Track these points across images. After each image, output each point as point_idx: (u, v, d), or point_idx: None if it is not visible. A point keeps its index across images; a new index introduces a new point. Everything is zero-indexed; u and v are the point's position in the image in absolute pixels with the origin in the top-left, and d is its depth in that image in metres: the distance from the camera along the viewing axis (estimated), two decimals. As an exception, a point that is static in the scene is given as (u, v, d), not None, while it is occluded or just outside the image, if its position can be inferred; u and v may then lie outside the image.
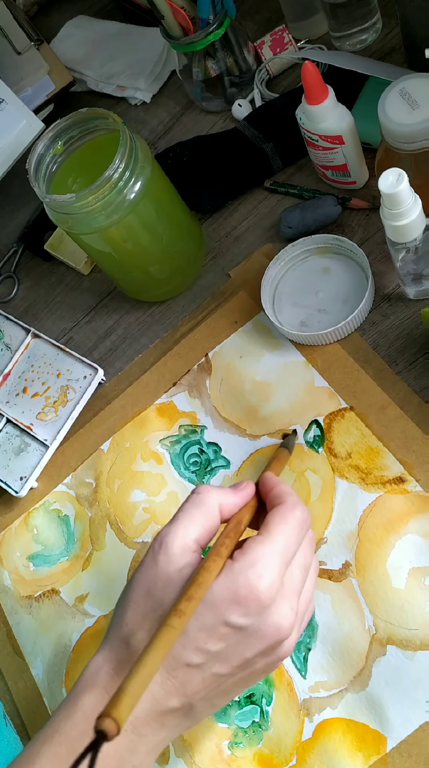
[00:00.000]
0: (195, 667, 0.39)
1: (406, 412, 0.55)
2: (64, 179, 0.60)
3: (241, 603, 0.38)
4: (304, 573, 0.42)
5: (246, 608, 0.38)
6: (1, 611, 0.64)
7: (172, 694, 0.39)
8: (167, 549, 0.40)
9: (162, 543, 0.41)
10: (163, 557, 0.40)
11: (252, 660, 0.40)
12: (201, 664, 0.38)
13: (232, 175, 0.69)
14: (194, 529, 0.41)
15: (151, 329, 0.69)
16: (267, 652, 0.40)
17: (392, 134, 0.52)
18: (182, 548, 0.40)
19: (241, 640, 0.39)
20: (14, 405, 0.70)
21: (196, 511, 0.41)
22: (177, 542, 0.40)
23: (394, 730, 0.48)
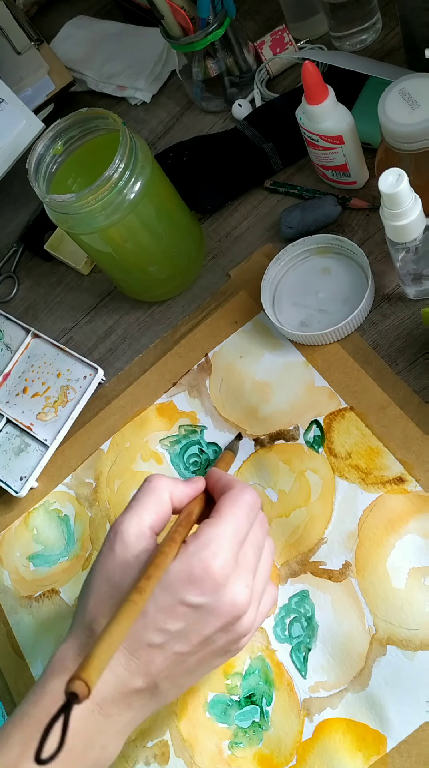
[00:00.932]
0: (156, 647, 0.40)
1: (406, 412, 0.55)
2: (64, 179, 0.60)
3: (197, 582, 0.40)
4: (258, 552, 0.43)
5: (202, 587, 0.40)
6: (1, 611, 0.64)
7: (136, 675, 0.40)
8: (123, 536, 0.42)
9: (117, 531, 0.42)
10: (119, 545, 0.42)
11: (211, 637, 0.41)
12: (162, 643, 0.40)
13: (232, 175, 0.69)
14: (148, 515, 0.43)
15: (151, 329, 0.69)
16: (225, 629, 0.41)
17: (392, 134, 0.52)
18: (137, 535, 0.42)
19: (200, 619, 0.40)
20: (14, 405, 0.70)
21: (147, 498, 0.43)
22: (132, 529, 0.42)
23: (394, 730, 0.48)
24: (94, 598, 0.42)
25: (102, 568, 0.42)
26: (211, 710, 0.52)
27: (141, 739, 0.53)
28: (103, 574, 0.42)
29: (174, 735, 0.53)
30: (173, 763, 0.52)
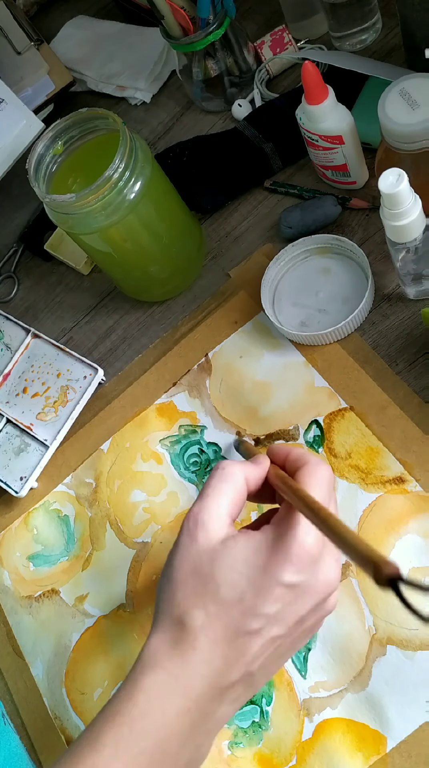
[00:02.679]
0: (254, 634, 0.39)
1: (406, 412, 0.55)
2: (64, 179, 0.60)
3: (293, 561, 0.38)
4: None
5: (298, 566, 0.38)
6: (1, 611, 0.64)
7: (233, 666, 0.39)
8: (205, 525, 0.40)
9: (198, 521, 0.40)
10: (202, 534, 0.40)
11: (305, 617, 0.40)
12: (260, 629, 0.39)
13: (232, 175, 0.69)
14: (225, 502, 0.41)
15: (151, 329, 0.69)
16: (318, 607, 0.40)
17: (392, 134, 0.52)
18: (219, 523, 0.40)
19: (296, 599, 0.39)
20: (14, 405, 0.70)
21: (224, 485, 0.41)
22: (213, 517, 0.40)
23: (394, 730, 0.48)
24: (182, 590, 0.40)
25: (185, 558, 0.40)
26: (211, 710, 0.52)
27: (141, 739, 0.53)
28: (189, 565, 0.40)
29: (174, 735, 0.53)
30: (173, 763, 0.52)
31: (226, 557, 0.39)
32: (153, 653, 0.39)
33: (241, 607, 0.38)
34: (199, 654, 0.38)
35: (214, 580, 0.39)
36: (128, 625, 0.58)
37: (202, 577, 0.39)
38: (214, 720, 0.39)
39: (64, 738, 0.57)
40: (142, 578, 0.59)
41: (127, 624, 0.58)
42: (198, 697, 0.38)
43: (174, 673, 0.38)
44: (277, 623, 0.39)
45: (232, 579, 0.38)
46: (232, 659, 0.39)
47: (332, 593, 0.41)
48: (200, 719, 0.38)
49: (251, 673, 0.40)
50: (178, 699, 0.38)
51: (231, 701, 0.40)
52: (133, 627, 0.58)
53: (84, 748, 0.38)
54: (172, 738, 0.38)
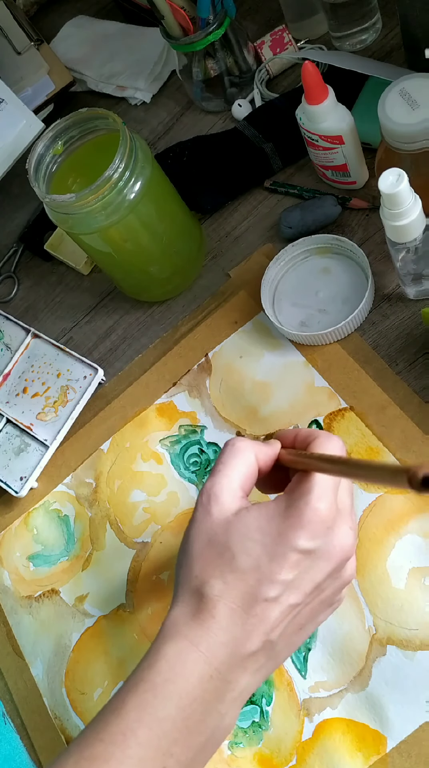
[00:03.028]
0: (272, 601, 0.39)
1: (406, 412, 0.55)
2: (64, 179, 0.60)
3: (307, 527, 0.39)
4: (351, 496, 0.43)
5: (312, 531, 0.39)
6: (1, 611, 0.64)
7: (253, 634, 0.39)
8: (218, 498, 0.41)
9: (211, 494, 0.41)
10: (215, 507, 0.41)
11: (322, 584, 0.40)
12: (277, 596, 0.39)
13: (232, 175, 0.69)
14: (237, 477, 0.42)
15: (151, 329, 0.69)
16: (334, 574, 0.41)
17: (392, 134, 0.52)
18: (231, 495, 0.41)
19: (312, 565, 0.39)
20: (14, 405, 0.70)
21: (235, 460, 0.42)
22: (225, 491, 0.41)
23: (394, 730, 0.48)
24: (200, 561, 0.40)
25: (201, 530, 0.41)
26: (211, 710, 0.52)
27: (141, 739, 0.53)
28: (204, 536, 0.41)
29: (174, 735, 0.53)
30: (173, 763, 0.52)
31: (240, 526, 0.40)
32: (173, 623, 0.40)
33: (258, 574, 0.39)
34: (218, 622, 0.39)
35: (230, 549, 0.39)
36: (128, 625, 0.58)
37: (217, 547, 0.40)
38: (239, 690, 0.40)
39: (64, 738, 0.57)
40: (142, 578, 0.59)
41: (127, 624, 0.58)
42: (220, 665, 0.39)
43: (195, 641, 0.39)
44: (293, 590, 0.39)
45: (247, 547, 0.39)
46: (252, 627, 0.39)
47: (348, 560, 0.41)
48: (223, 687, 0.39)
49: (272, 641, 0.40)
50: (200, 666, 0.38)
51: (254, 671, 0.40)
52: (133, 627, 0.58)
53: (109, 714, 0.39)
54: (195, 704, 0.38)
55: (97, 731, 0.38)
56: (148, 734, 0.37)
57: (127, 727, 0.38)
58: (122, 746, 0.37)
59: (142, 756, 0.37)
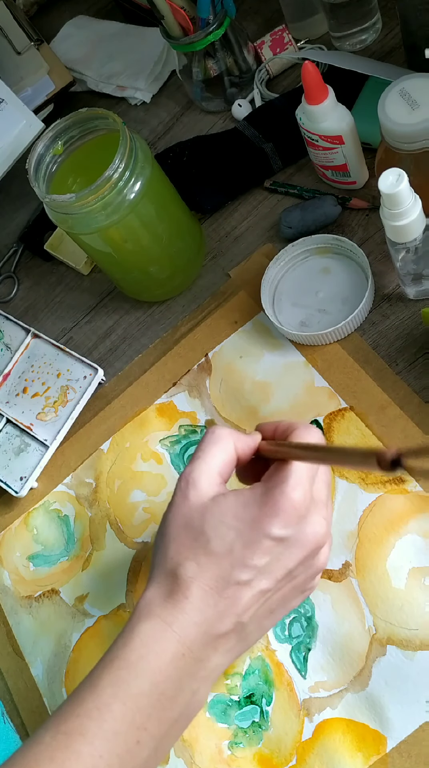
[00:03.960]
0: (244, 585, 0.40)
1: (406, 412, 0.55)
2: (64, 179, 0.60)
3: (281, 515, 0.40)
4: (327, 488, 0.44)
5: (286, 519, 0.40)
6: (1, 611, 0.64)
7: (225, 616, 0.40)
8: (196, 484, 0.42)
9: (189, 480, 0.42)
10: (193, 492, 0.42)
11: (294, 571, 0.42)
12: (249, 580, 0.40)
13: (231, 175, 0.69)
14: (215, 463, 0.43)
15: (151, 329, 0.69)
16: (306, 562, 0.42)
17: (392, 134, 0.52)
18: (209, 481, 0.42)
19: (284, 552, 0.41)
20: (14, 405, 0.70)
21: (215, 447, 0.43)
22: (203, 477, 0.42)
23: (394, 730, 0.48)
24: (175, 544, 0.42)
25: (178, 514, 0.42)
26: (210, 710, 0.52)
27: (141, 739, 0.53)
28: (181, 520, 0.42)
29: (174, 735, 0.53)
30: (173, 763, 0.52)
31: (216, 511, 0.41)
32: (148, 603, 0.41)
33: (231, 558, 0.40)
34: (191, 603, 0.40)
35: (205, 533, 0.41)
36: (128, 625, 0.58)
37: (193, 531, 0.41)
38: (210, 668, 0.41)
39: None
40: (142, 578, 0.59)
41: (127, 624, 0.58)
42: (191, 644, 0.40)
43: (168, 620, 0.40)
44: (265, 575, 0.41)
45: (221, 532, 0.40)
46: (224, 608, 0.40)
47: (321, 549, 0.42)
48: (195, 665, 0.40)
49: (242, 624, 0.41)
50: (173, 644, 0.40)
51: (224, 651, 0.42)
52: (133, 627, 0.58)
53: (84, 691, 0.40)
54: (168, 681, 0.39)
55: (74, 707, 0.39)
56: (123, 709, 0.38)
57: (103, 703, 0.39)
58: (98, 720, 0.38)
59: (117, 730, 0.38)
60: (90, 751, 0.37)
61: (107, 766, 0.38)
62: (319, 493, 0.42)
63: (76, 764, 0.37)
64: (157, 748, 0.40)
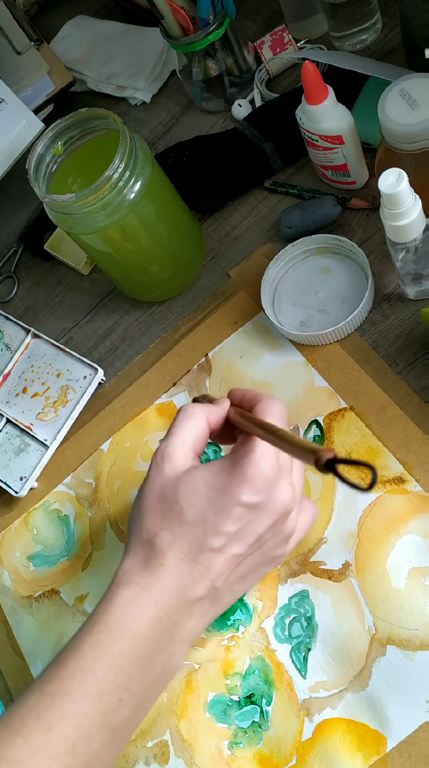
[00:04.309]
0: (216, 551, 0.42)
1: (406, 412, 0.55)
2: (64, 179, 0.60)
3: (250, 483, 0.42)
4: None
5: (255, 487, 0.42)
6: (1, 611, 0.64)
7: (199, 581, 0.43)
8: (170, 457, 0.44)
9: (164, 454, 0.45)
10: (167, 465, 0.44)
11: (263, 536, 0.44)
12: (221, 546, 0.42)
13: (231, 175, 0.69)
14: (189, 438, 0.45)
15: (151, 329, 0.69)
16: (275, 527, 0.44)
17: (392, 134, 0.52)
18: (183, 455, 0.45)
19: (253, 518, 0.43)
20: (14, 405, 0.70)
21: (186, 423, 0.46)
22: (177, 451, 0.45)
23: (394, 730, 0.48)
24: (150, 515, 0.44)
25: (153, 487, 0.44)
26: (211, 710, 0.52)
27: (141, 739, 0.53)
28: (156, 492, 0.44)
29: (174, 735, 0.53)
30: (173, 763, 0.52)
31: (188, 482, 0.43)
32: (125, 572, 0.43)
33: (204, 526, 0.42)
34: (167, 569, 0.42)
35: (178, 503, 0.43)
36: (128, 625, 0.58)
37: (167, 502, 0.43)
38: (186, 631, 0.43)
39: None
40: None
41: (127, 624, 0.58)
42: (168, 608, 0.42)
43: (145, 587, 0.42)
44: (237, 542, 0.43)
45: (194, 501, 0.42)
46: (198, 574, 0.42)
47: (289, 515, 0.44)
48: (172, 628, 0.42)
49: (216, 588, 0.44)
50: (150, 609, 0.42)
51: (200, 615, 0.44)
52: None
53: (67, 655, 0.42)
54: (147, 643, 0.41)
55: (57, 669, 0.41)
56: (105, 670, 0.40)
57: (85, 664, 0.41)
58: (81, 681, 0.40)
59: (100, 690, 0.40)
60: (74, 710, 0.39)
61: (91, 723, 0.39)
62: (284, 461, 0.44)
63: (61, 722, 0.39)
64: (137, 707, 0.42)
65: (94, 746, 0.40)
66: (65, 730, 0.39)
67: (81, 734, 0.39)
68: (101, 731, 0.40)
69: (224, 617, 0.54)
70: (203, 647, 0.54)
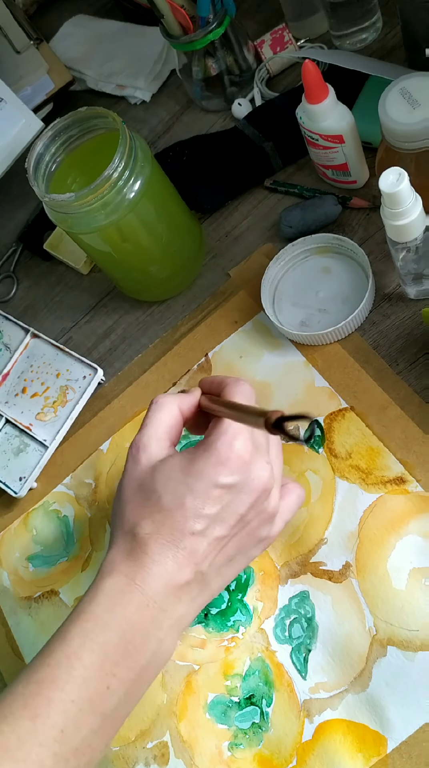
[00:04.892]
0: (199, 534, 0.43)
1: (406, 412, 0.55)
2: (64, 178, 0.60)
3: (225, 464, 0.42)
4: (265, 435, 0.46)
5: (230, 468, 0.42)
6: (1, 612, 0.64)
7: (184, 566, 0.43)
8: (145, 448, 0.45)
9: (139, 446, 0.45)
10: (143, 455, 0.45)
11: (246, 516, 0.44)
12: (203, 529, 0.43)
13: (231, 175, 0.69)
14: (163, 428, 0.46)
15: (150, 329, 0.69)
16: (257, 506, 0.44)
17: (393, 133, 0.51)
18: (158, 445, 0.45)
19: (233, 499, 0.43)
20: (13, 405, 0.69)
21: (160, 413, 0.46)
22: (152, 441, 0.45)
23: (394, 731, 0.48)
24: (130, 506, 0.44)
25: (131, 478, 0.45)
26: (210, 711, 0.52)
27: (141, 740, 0.53)
28: (134, 483, 0.45)
29: (174, 736, 0.53)
30: (173, 764, 0.52)
31: (164, 470, 0.44)
32: (110, 563, 0.44)
33: (183, 511, 0.42)
34: (150, 556, 0.42)
35: (156, 491, 0.43)
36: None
37: (145, 491, 0.44)
38: (175, 617, 0.43)
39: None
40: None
41: (126, 625, 0.58)
42: (154, 595, 0.42)
43: (130, 575, 0.42)
44: (218, 523, 0.43)
45: (172, 487, 0.43)
46: (182, 559, 0.42)
47: (269, 492, 0.44)
48: (160, 615, 0.42)
49: (202, 572, 0.43)
50: (137, 596, 0.42)
51: (189, 601, 0.44)
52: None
53: (53, 643, 0.42)
54: (134, 630, 0.41)
55: (44, 658, 0.41)
56: (92, 657, 0.40)
57: (72, 652, 0.41)
58: (68, 668, 0.40)
59: (87, 676, 0.40)
60: (61, 697, 0.39)
61: (79, 710, 0.39)
62: (258, 440, 0.44)
63: (48, 709, 0.39)
64: (127, 694, 0.41)
65: (83, 732, 0.40)
66: (53, 716, 0.39)
67: (69, 721, 0.39)
68: (90, 718, 0.40)
69: (224, 618, 0.54)
70: (203, 648, 0.54)
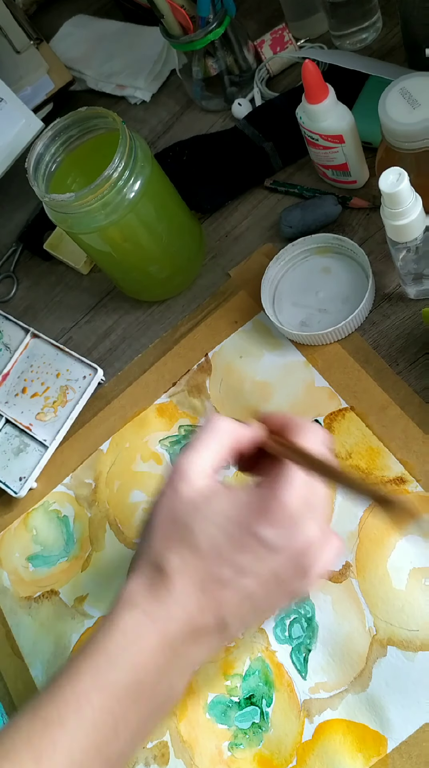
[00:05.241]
0: (226, 582, 0.40)
1: (406, 412, 0.55)
2: (64, 178, 0.60)
3: (271, 518, 0.39)
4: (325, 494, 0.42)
5: (274, 522, 0.39)
6: (1, 612, 0.64)
7: (207, 612, 0.40)
8: (187, 475, 0.41)
9: (181, 474, 0.41)
10: (184, 485, 0.41)
11: (282, 575, 0.40)
12: (231, 578, 0.40)
13: (231, 175, 0.69)
14: (209, 455, 0.42)
15: (150, 329, 0.69)
16: (296, 567, 0.41)
17: (393, 133, 0.51)
18: (200, 473, 0.41)
19: (269, 554, 0.40)
20: (13, 405, 0.69)
21: (211, 439, 0.42)
22: (194, 467, 0.41)
23: (394, 731, 0.48)
24: (161, 536, 0.41)
25: (167, 507, 0.42)
26: (210, 711, 0.52)
27: (141, 741, 0.53)
28: (167, 512, 0.41)
29: (174, 736, 0.53)
30: (173, 764, 0.52)
31: (206, 510, 0.40)
32: (131, 594, 0.41)
33: (216, 557, 0.40)
34: (173, 596, 0.40)
35: (193, 530, 0.40)
36: (128, 626, 0.58)
37: (180, 526, 0.41)
38: (188, 661, 0.41)
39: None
40: (142, 579, 0.59)
41: (126, 625, 0.58)
42: (173, 639, 0.40)
43: (150, 614, 0.40)
44: (248, 575, 0.40)
45: (210, 532, 0.40)
46: (205, 604, 0.40)
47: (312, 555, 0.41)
48: (174, 659, 0.40)
49: (224, 620, 0.40)
50: (154, 637, 0.39)
51: (205, 644, 0.41)
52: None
53: (63, 679, 0.39)
54: (148, 674, 0.39)
55: (52, 691, 0.39)
56: (102, 699, 0.38)
57: (82, 691, 0.38)
58: (76, 710, 0.38)
59: (95, 720, 0.38)
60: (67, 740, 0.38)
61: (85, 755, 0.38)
62: (315, 498, 0.41)
63: (53, 753, 0.37)
64: (133, 738, 0.40)
65: None
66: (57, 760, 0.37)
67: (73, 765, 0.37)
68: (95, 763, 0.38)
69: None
70: (203, 648, 0.54)
